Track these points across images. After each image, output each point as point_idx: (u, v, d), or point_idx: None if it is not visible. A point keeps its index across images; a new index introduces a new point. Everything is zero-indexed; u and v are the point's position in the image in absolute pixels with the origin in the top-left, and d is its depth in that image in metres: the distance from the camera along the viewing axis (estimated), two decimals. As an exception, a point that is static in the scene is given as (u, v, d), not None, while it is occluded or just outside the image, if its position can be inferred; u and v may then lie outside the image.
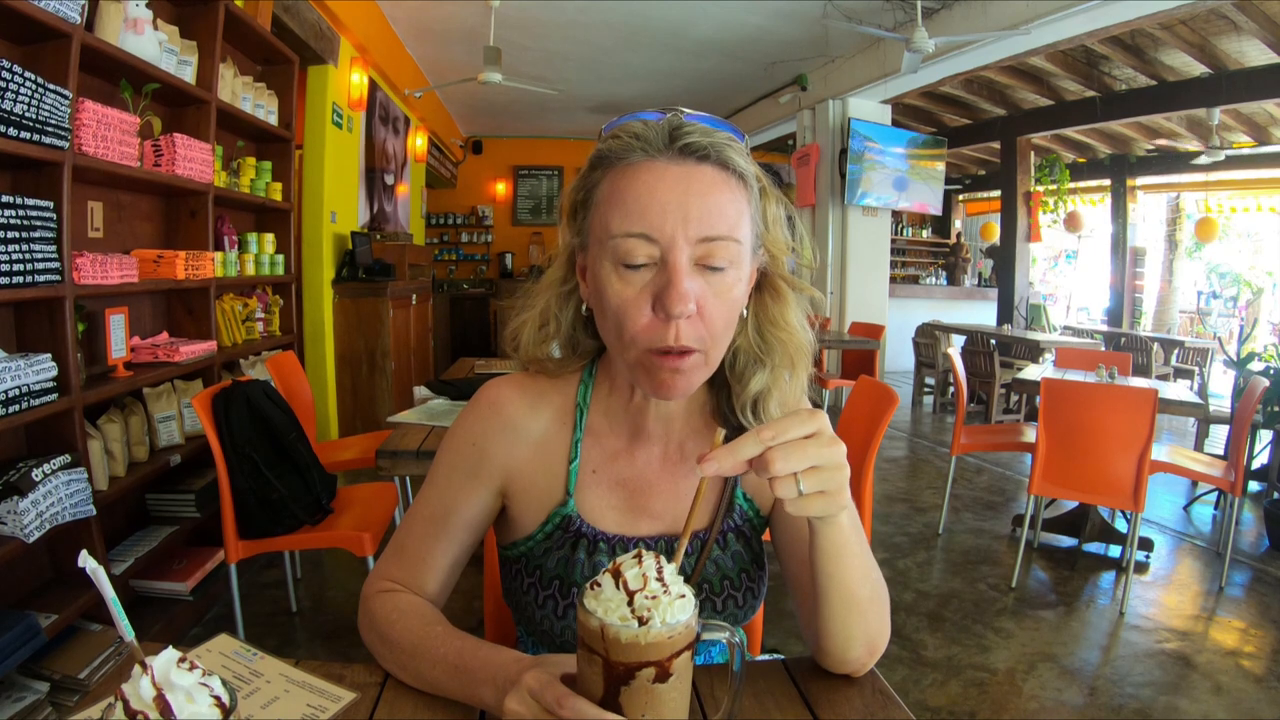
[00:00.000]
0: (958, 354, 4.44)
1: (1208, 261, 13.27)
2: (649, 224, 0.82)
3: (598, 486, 0.99)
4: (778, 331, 0.96)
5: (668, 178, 0.84)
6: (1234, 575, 3.62)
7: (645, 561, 0.64)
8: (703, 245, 0.83)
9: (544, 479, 0.99)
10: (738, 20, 6.06)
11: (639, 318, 0.84)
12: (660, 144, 0.85)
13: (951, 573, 3.58)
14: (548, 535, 0.98)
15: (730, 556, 0.99)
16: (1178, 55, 6.20)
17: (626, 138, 0.87)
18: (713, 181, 0.85)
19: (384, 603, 0.95)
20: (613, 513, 0.98)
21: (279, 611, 3.02)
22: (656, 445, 1.00)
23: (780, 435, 0.69)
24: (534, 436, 1.00)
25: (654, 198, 0.83)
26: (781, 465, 0.68)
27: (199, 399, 2.38)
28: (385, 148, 6.70)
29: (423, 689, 0.87)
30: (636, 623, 0.61)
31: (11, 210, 2.03)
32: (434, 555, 0.99)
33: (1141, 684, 2.64)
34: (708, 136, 0.86)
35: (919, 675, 2.66)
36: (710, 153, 0.86)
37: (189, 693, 0.57)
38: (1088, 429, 3.20)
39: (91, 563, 0.58)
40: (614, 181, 0.87)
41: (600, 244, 0.87)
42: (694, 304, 0.82)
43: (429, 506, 1.00)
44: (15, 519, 1.97)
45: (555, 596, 0.95)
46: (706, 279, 0.84)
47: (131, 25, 2.57)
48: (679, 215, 0.82)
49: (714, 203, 0.84)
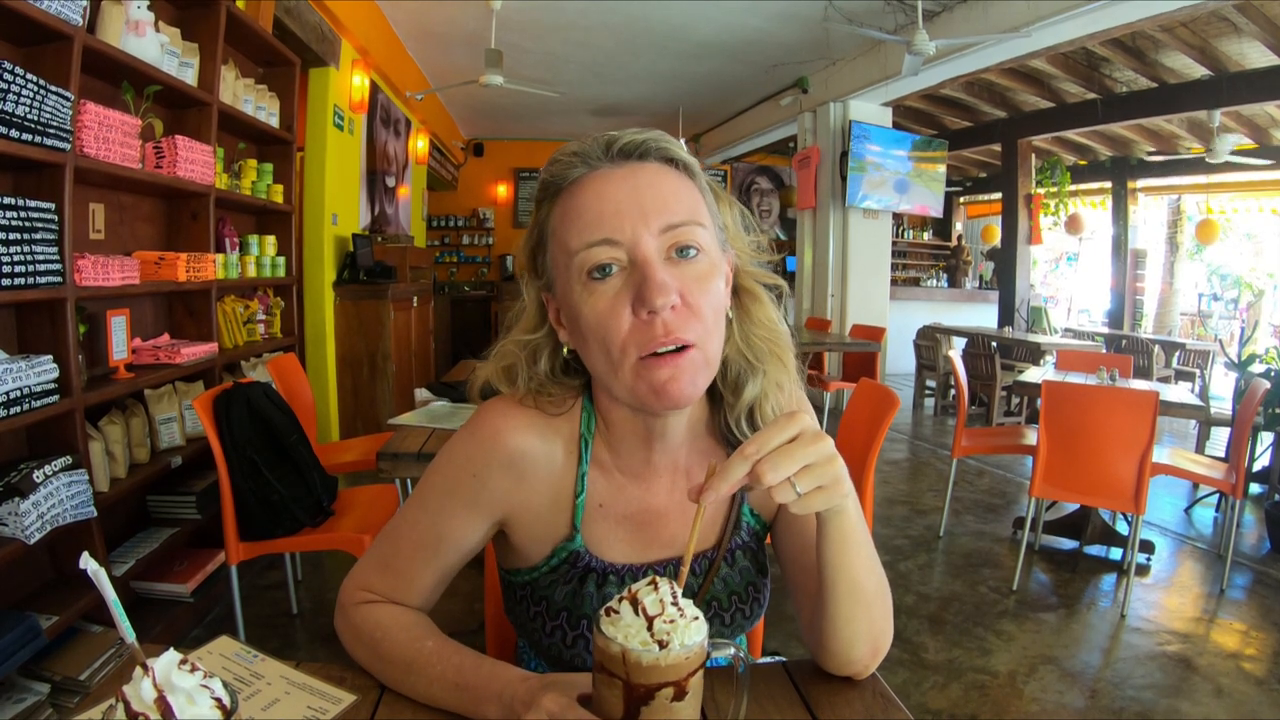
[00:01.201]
0: (958, 356, 4.44)
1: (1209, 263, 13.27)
2: (607, 228, 0.81)
3: (605, 520, 0.95)
4: (761, 331, 0.94)
5: (614, 179, 0.83)
6: (1235, 577, 3.61)
7: (661, 588, 0.67)
8: (667, 234, 0.81)
9: (548, 513, 0.95)
10: (738, 23, 6.07)
11: (622, 326, 0.81)
12: (598, 154, 0.85)
13: (952, 575, 3.58)
14: (553, 569, 0.95)
15: (738, 573, 0.98)
16: (1178, 57, 6.20)
17: (565, 158, 0.86)
18: (658, 173, 0.85)
19: (367, 616, 0.93)
20: (621, 545, 0.95)
21: (279, 613, 3.02)
22: (664, 474, 0.97)
23: (763, 447, 0.70)
24: (538, 470, 0.94)
25: (605, 201, 0.82)
26: (772, 475, 0.69)
27: (200, 401, 2.38)
28: (386, 150, 6.71)
29: (418, 701, 0.86)
30: (657, 646, 0.64)
31: (13, 212, 2.04)
32: (422, 578, 0.96)
33: (1142, 686, 2.63)
34: (642, 134, 0.86)
35: (920, 678, 2.66)
36: (649, 148, 0.85)
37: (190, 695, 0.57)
38: (1089, 431, 3.20)
39: (93, 564, 0.58)
40: (563, 204, 0.85)
41: (565, 269, 0.84)
42: (676, 295, 0.80)
43: (419, 530, 0.96)
44: (16, 520, 1.97)
45: (564, 627, 0.94)
46: (681, 268, 0.82)
47: (133, 27, 2.58)
48: (635, 211, 0.81)
49: (667, 191, 0.83)
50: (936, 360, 7.69)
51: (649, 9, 5.81)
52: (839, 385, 6.26)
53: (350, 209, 5.78)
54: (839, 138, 7.33)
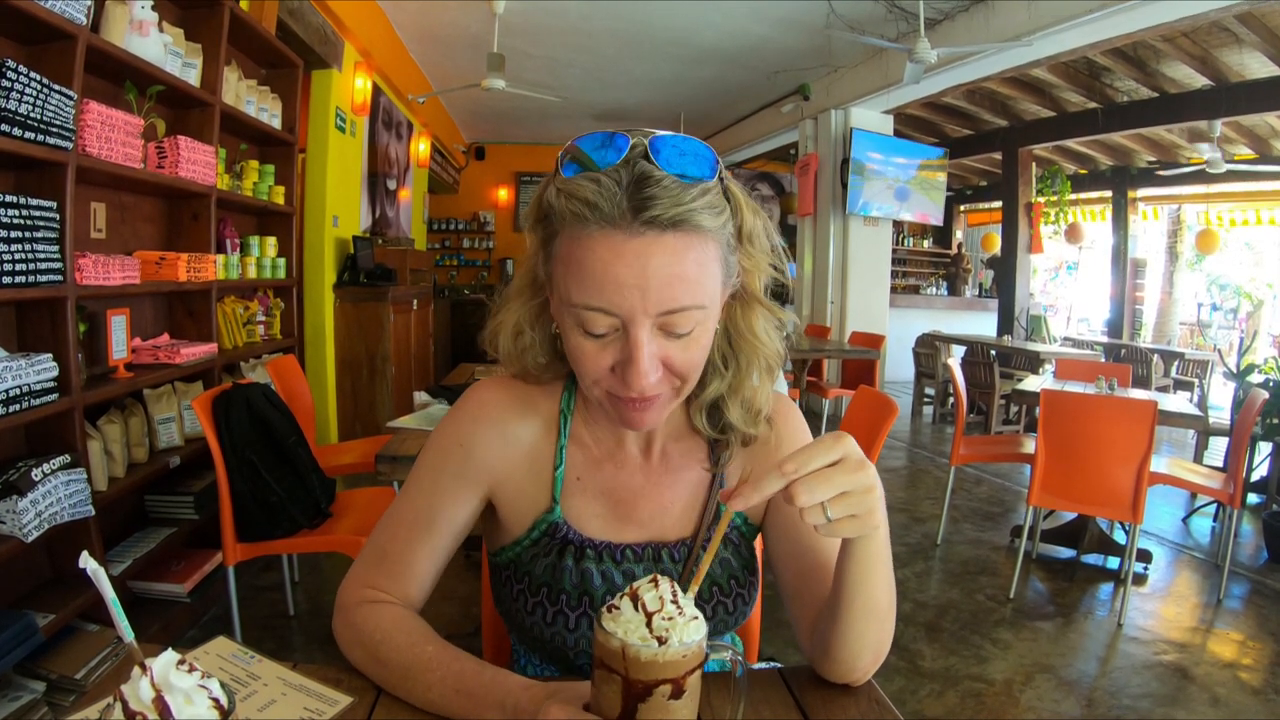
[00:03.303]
0: (957, 365, 4.44)
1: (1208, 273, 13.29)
2: (607, 300, 0.78)
3: (583, 494, 0.99)
4: (741, 341, 0.94)
5: (626, 254, 0.77)
6: (1232, 587, 3.61)
7: (661, 585, 0.67)
8: (664, 317, 0.79)
9: (530, 484, 0.99)
10: (741, 29, 6.08)
11: (600, 369, 0.83)
12: (617, 213, 0.77)
13: (950, 583, 3.57)
14: (534, 541, 0.98)
15: (718, 563, 0.99)
16: (1179, 67, 6.22)
17: (579, 205, 0.78)
18: (675, 251, 0.78)
19: (368, 618, 0.93)
20: (598, 520, 0.98)
21: (276, 614, 3.01)
22: (638, 453, 1.01)
23: (803, 468, 0.68)
24: (521, 440, 0.99)
25: (609, 275, 0.78)
26: (807, 498, 0.68)
27: (199, 401, 2.38)
28: (388, 152, 6.71)
29: (416, 706, 0.85)
30: (656, 643, 0.64)
31: (15, 210, 2.04)
32: (417, 559, 0.97)
33: (1139, 695, 2.63)
34: (674, 204, 0.77)
35: (916, 685, 2.66)
36: (678, 221, 0.78)
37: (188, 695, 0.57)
38: (1087, 441, 3.20)
39: (92, 564, 0.58)
40: (570, 246, 0.81)
41: (562, 301, 0.83)
42: (658, 370, 0.81)
43: (412, 508, 0.98)
44: (14, 518, 1.97)
45: (544, 604, 0.95)
46: (672, 341, 0.82)
47: (137, 27, 2.58)
48: (637, 293, 0.77)
49: (677, 275, 0.78)
50: (935, 368, 7.69)
51: (651, 14, 5.83)
52: (838, 392, 6.26)
53: (351, 211, 5.78)
54: (840, 145, 7.34)
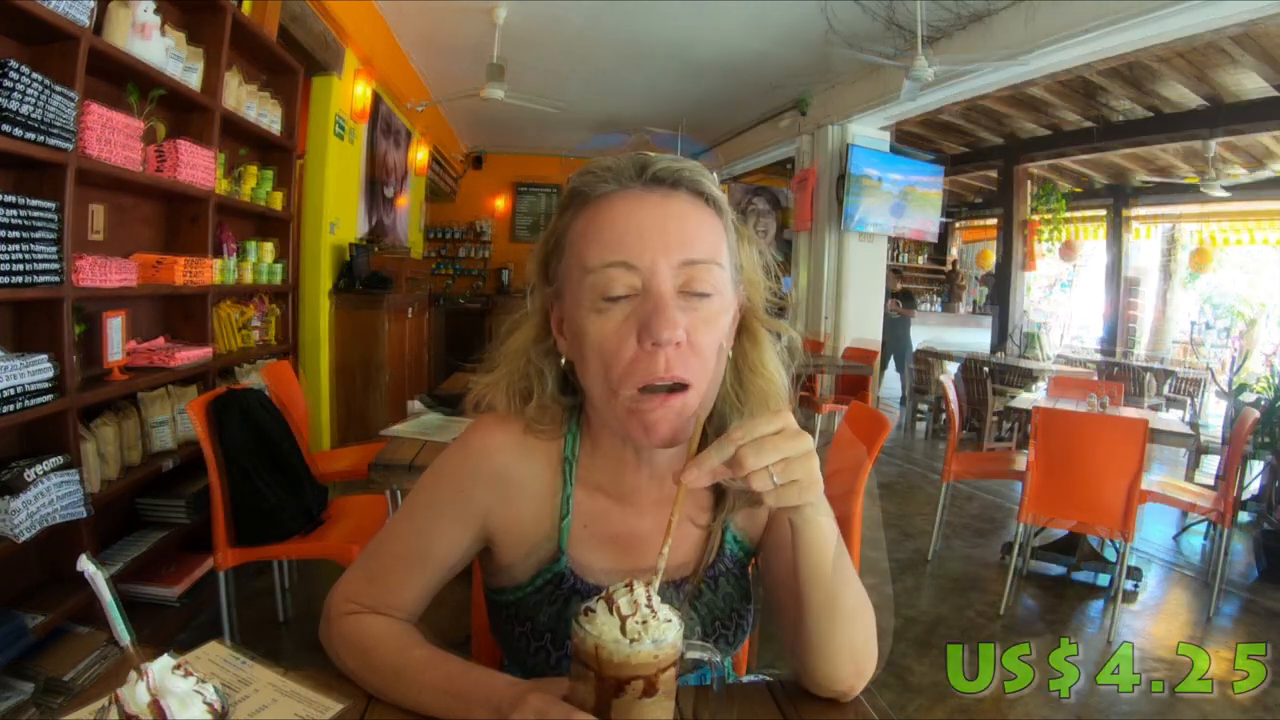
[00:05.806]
0: (950, 381, 4.45)
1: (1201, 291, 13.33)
2: (628, 251, 0.81)
3: (590, 541, 0.96)
4: (756, 379, 0.94)
5: (643, 203, 0.83)
6: (1223, 605, 3.62)
7: (636, 590, 0.69)
8: (685, 270, 0.82)
9: (534, 532, 0.96)
10: (740, 44, 6.11)
11: (624, 352, 0.81)
12: (631, 174, 0.84)
13: (940, 598, 3.58)
14: (539, 589, 0.96)
15: (721, 598, 0.98)
16: (1175, 86, 6.27)
17: (598, 171, 0.86)
18: (688, 206, 0.85)
19: (355, 626, 0.94)
20: (606, 566, 0.96)
21: (267, 620, 3.00)
22: (648, 500, 0.98)
23: (749, 433, 0.72)
24: (525, 489, 0.96)
25: (630, 224, 0.82)
26: (754, 460, 0.71)
27: (194, 405, 2.37)
28: (386, 160, 6.72)
29: (406, 709, 0.86)
30: (628, 642, 0.66)
31: (14, 210, 2.05)
32: (408, 590, 0.97)
33: (1128, 713, 2.63)
34: (678, 163, 0.86)
35: (905, 700, 2.66)
36: (682, 179, 0.85)
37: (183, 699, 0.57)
38: (1079, 457, 3.21)
39: (91, 567, 0.58)
40: (588, 216, 0.85)
41: (577, 283, 0.84)
42: (682, 331, 0.80)
43: (406, 543, 0.98)
44: (6, 519, 1.97)
45: (548, 648, 0.94)
46: (692, 306, 0.82)
47: (139, 30, 2.59)
48: (659, 240, 0.81)
49: (692, 226, 0.83)
50: (930, 383, 7.70)
51: (651, 27, 5.86)
52: (831, 407, 6.25)
53: (349, 217, 5.78)
54: (837, 160, 7.35)
